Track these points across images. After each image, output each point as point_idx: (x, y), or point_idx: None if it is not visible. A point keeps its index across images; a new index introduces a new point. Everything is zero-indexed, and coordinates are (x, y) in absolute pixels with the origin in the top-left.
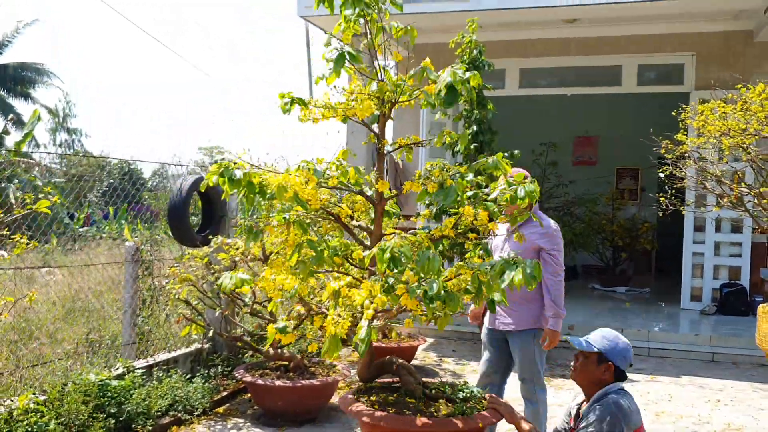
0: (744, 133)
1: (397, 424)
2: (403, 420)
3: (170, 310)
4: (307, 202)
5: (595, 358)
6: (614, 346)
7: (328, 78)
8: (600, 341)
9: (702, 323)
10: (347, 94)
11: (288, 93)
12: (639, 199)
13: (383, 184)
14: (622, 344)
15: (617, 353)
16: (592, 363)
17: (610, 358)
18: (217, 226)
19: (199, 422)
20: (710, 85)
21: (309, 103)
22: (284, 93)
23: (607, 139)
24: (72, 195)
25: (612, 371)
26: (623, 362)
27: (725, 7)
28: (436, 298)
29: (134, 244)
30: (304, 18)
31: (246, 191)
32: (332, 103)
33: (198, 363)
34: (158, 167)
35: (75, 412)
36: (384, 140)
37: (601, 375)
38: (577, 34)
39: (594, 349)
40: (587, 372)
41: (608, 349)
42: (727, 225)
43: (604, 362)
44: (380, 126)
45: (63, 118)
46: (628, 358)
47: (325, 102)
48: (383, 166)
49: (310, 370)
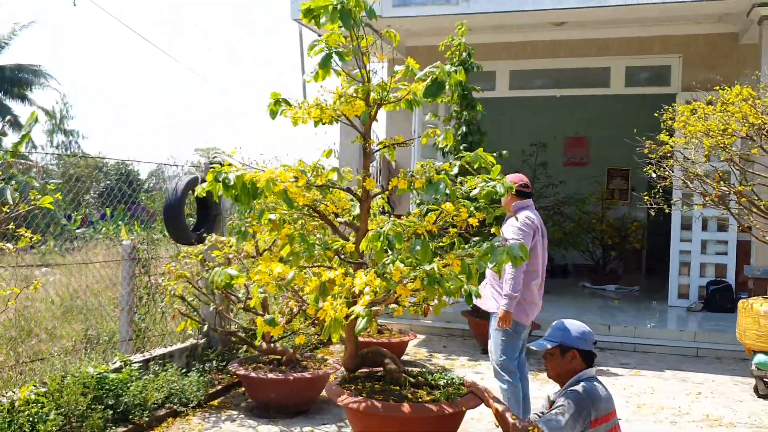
0: (724, 133)
1: (387, 410)
2: (391, 406)
3: (166, 307)
4: (293, 199)
5: (558, 351)
6: (568, 332)
7: (314, 76)
8: (554, 334)
9: (688, 320)
10: (335, 95)
11: (275, 93)
12: (629, 199)
13: (370, 182)
14: (577, 328)
15: (574, 338)
16: (557, 357)
17: (571, 344)
18: (212, 224)
19: (195, 414)
20: (696, 87)
21: (298, 105)
22: (273, 93)
23: (597, 139)
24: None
25: (579, 357)
26: (584, 344)
27: (710, 10)
28: (433, 280)
29: (131, 243)
30: (297, 21)
31: (240, 194)
32: (321, 104)
33: (193, 357)
34: (155, 168)
35: (74, 403)
36: (370, 140)
37: (569, 364)
38: (565, 37)
39: (553, 344)
40: (557, 366)
41: (564, 337)
42: (713, 224)
43: (568, 351)
44: (366, 126)
45: (60, 119)
46: (589, 339)
47: (314, 101)
48: (369, 165)
49: (302, 364)
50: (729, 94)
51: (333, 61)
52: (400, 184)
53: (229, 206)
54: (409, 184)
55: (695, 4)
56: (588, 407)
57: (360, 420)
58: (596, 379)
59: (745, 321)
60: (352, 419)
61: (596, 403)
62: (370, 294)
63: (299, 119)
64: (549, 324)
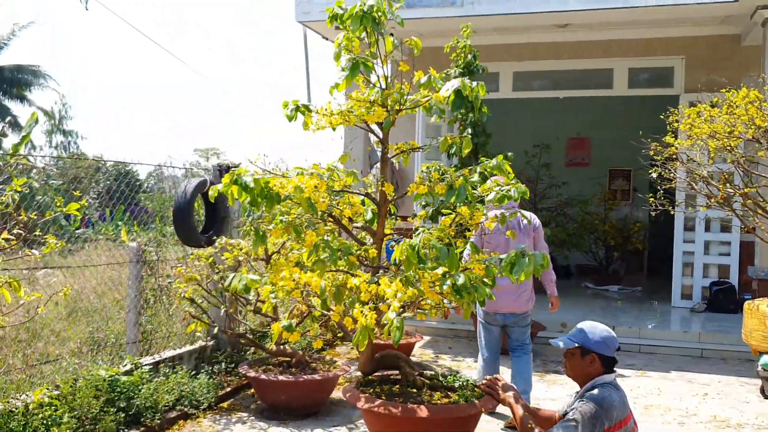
0: (730, 135)
1: (407, 413)
2: (412, 409)
3: (174, 309)
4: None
5: (579, 353)
6: (591, 336)
7: (339, 85)
8: (577, 335)
9: (692, 320)
10: (356, 101)
11: (294, 101)
12: (631, 200)
13: (388, 187)
14: (600, 332)
15: (596, 343)
16: (577, 358)
17: (591, 349)
18: (221, 227)
19: (205, 416)
20: (699, 89)
21: (315, 111)
22: (288, 101)
23: (599, 140)
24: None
25: (598, 361)
26: (606, 349)
27: (714, 12)
28: (463, 289)
29: (138, 245)
30: (302, 23)
31: (259, 199)
32: (343, 110)
33: (202, 360)
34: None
35: (87, 406)
36: (389, 145)
37: (588, 367)
38: (569, 38)
39: (574, 345)
40: (576, 367)
41: (586, 340)
42: (716, 224)
43: (588, 354)
44: (385, 132)
45: (59, 120)
46: (611, 345)
47: (336, 110)
48: (387, 170)
49: (311, 366)
50: (735, 97)
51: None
52: (419, 189)
53: (238, 209)
54: (429, 189)
55: (699, 6)
56: (601, 417)
57: (380, 423)
58: (613, 385)
59: (752, 322)
60: (371, 422)
61: (609, 413)
62: (399, 301)
63: (321, 127)
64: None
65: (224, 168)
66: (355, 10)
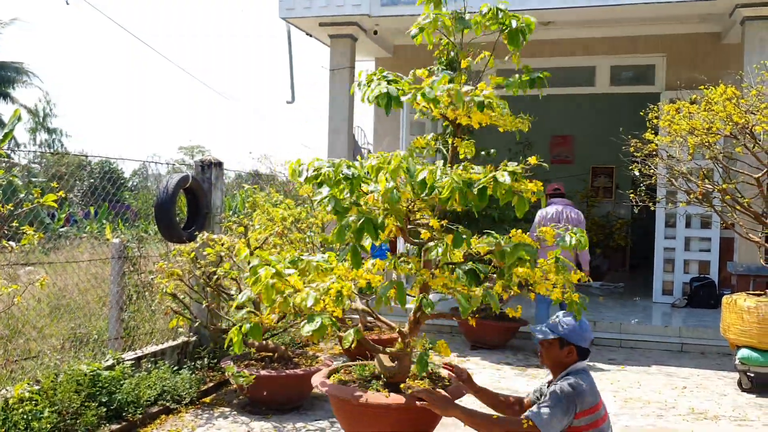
0: (708, 132)
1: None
2: (363, 396)
3: (156, 305)
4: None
5: (557, 343)
6: (573, 328)
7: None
8: (557, 326)
9: (672, 316)
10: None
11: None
12: (613, 197)
13: None
14: (579, 325)
15: (577, 335)
16: (555, 347)
17: (571, 340)
18: (203, 222)
19: (187, 411)
20: (679, 86)
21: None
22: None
23: (582, 138)
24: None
25: (575, 352)
26: (583, 342)
27: (693, 10)
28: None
29: (120, 241)
30: (285, 20)
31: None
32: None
33: (185, 355)
34: (139, 167)
35: (68, 401)
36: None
37: (564, 357)
38: (551, 36)
39: (553, 336)
40: (552, 356)
41: (568, 332)
42: (696, 221)
43: (566, 345)
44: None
45: (43, 117)
46: (588, 337)
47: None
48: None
49: (294, 361)
50: (713, 94)
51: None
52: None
53: (220, 204)
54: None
55: (680, 5)
56: (574, 401)
57: (336, 408)
58: (586, 372)
59: (729, 317)
60: (334, 407)
61: (581, 397)
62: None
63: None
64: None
65: (206, 164)
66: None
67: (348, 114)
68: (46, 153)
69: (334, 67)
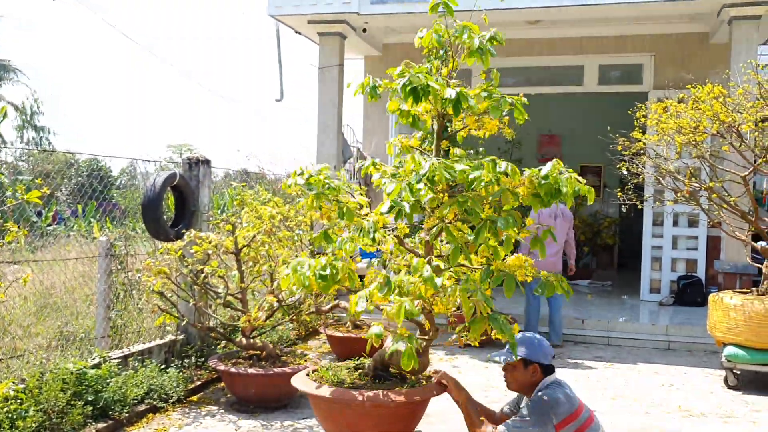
0: (695, 130)
1: (344, 396)
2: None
3: (143, 303)
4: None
5: (521, 364)
6: (531, 347)
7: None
8: (518, 349)
9: (660, 314)
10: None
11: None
12: (601, 196)
13: None
14: (537, 343)
15: (537, 353)
16: (519, 369)
17: (533, 359)
18: (190, 220)
19: (174, 409)
20: (667, 85)
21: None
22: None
23: (570, 137)
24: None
25: (539, 370)
26: (545, 358)
27: (682, 10)
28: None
29: (107, 239)
30: (274, 17)
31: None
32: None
33: (172, 354)
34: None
35: (54, 400)
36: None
37: (531, 377)
38: (540, 35)
39: (516, 358)
40: (518, 378)
41: (528, 352)
42: (684, 219)
43: (530, 364)
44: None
45: (30, 115)
46: (549, 353)
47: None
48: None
49: (282, 359)
50: (700, 93)
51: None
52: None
53: (207, 202)
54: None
55: (668, 4)
56: (548, 413)
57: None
58: (557, 384)
59: (716, 314)
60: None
61: (556, 409)
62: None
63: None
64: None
65: (193, 161)
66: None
67: (337, 112)
68: (33, 151)
69: (323, 65)
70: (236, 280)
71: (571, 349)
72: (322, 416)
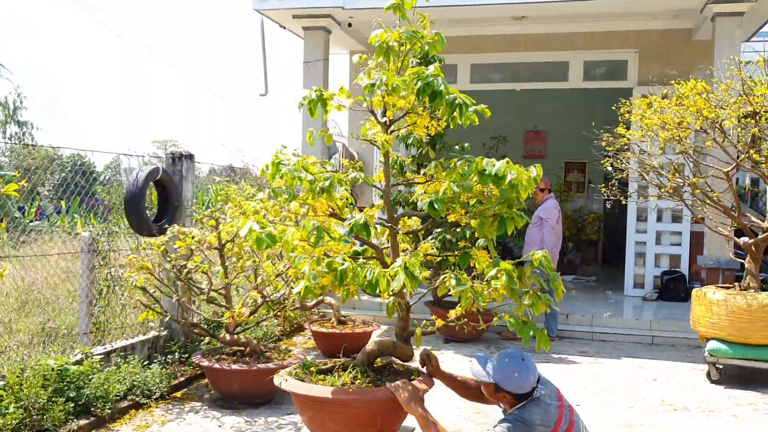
0: (679, 126)
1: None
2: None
3: (126, 299)
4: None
5: (493, 387)
6: (508, 377)
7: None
8: (496, 371)
9: (643, 309)
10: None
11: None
12: (586, 192)
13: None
14: (518, 375)
15: (511, 384)
16: (491, 389)
17: (504, 388)
18: (173, 215)
19: (157, 406)
20: (651, 81)
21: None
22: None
23: (555, 133)
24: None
25: (510, 397)
26: (520, 390)
27: (666, 6)
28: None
29: (90, 235)
30: (258, 11)
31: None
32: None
33: (155, 350)
34: (111, 161)
35: (34, 396)
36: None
37: (501, 399)
38: (525, 31)
39: (489, 380)
40: (492, 396)
41: (502, 380)
42: (668, 215)
43: (501, 391)
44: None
45: (13, 110)
46: (526, 386)
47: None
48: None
49: (266, 355)
50: (684, 89)
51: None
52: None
53: (190, 197)
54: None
55: (652, 1)
56: None
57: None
58: (535, 402)
59: (699, 309)
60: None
61: (528, 428)
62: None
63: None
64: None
65: (177, 156)
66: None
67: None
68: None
69: (308, 59)
70: (220, 275)
71: (556, 344)
72: (307, 416)
